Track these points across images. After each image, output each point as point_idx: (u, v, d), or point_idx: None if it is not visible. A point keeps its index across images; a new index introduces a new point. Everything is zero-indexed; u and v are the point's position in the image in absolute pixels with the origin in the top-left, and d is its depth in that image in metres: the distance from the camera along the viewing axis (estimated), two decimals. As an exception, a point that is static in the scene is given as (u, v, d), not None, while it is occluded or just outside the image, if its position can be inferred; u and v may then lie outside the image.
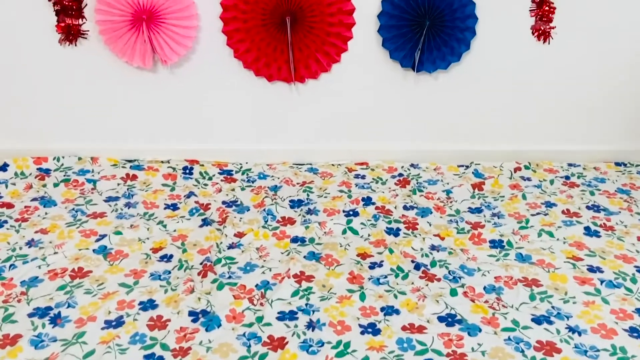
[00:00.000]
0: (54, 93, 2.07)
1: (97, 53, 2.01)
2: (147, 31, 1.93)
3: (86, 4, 1.94)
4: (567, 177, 2.19)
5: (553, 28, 2.09)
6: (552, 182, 2.16)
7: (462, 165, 2.24)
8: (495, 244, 1.80)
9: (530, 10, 2.05)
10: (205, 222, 1.83)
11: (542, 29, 2.09)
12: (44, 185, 1.99)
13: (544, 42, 2.11)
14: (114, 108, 2.11)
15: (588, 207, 2.00)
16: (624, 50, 2.14)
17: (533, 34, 2.09)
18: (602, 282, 1.63)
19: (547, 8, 2.06)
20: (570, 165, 2.27)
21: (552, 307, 1.53)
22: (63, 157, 2.10)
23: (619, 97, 2.23)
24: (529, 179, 2.18)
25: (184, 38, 1.98)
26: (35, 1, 1.91)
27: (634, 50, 2.14)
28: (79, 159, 2.12)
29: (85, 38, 1.99)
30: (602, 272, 1.67)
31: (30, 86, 2.05)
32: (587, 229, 1.87)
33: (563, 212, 1.98)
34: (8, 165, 2.05)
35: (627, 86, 2.21)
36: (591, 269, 1.68)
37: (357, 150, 2.24)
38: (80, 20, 1.96)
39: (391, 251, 1.73)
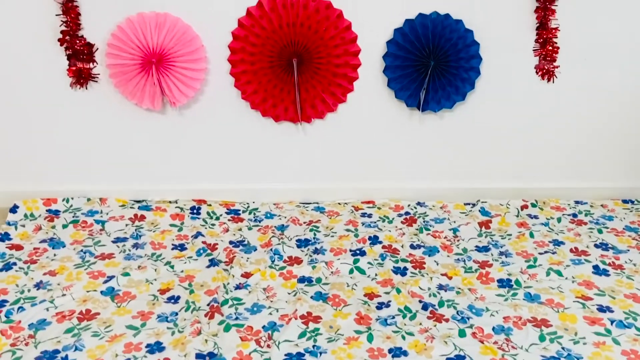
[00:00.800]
0: (64, 135, 2.10)
1: (107, 96, 2.04)
2: (157, 74, 1.97)
3: (97, 48, 1.99)
4: (574, 215, 2.19)
5: (557, 67, 2.11)
6: (559, 220, 2.16)
7: (469, 204, 2.24)
8: (504, 283, 1.79)
9: (533, 50, 2.09)
10: (213, 263, 1.83)
11: (546, 68, 2.12)
12: (53, 227, 2.00)
13: (548, 81, 2.13)
14: (123, 149, 2.13)
15: (596, 245, 2.00)
16: (628, 88, 2.16)
17: (537, 73, 2.12)
18: (612, 322, 1.61)
19: (550, 48, 2.09)
20: (577, 202, 2.26)
21: (563, 348, 1.51)
22: (72, 199, 2.12)
23: (624, 134, 2.24)
24: (536, 217, 2.18)
25: (192, 80, 2.02)
26: (47, 45, 1.96)
27: (639, 88, 2.18)
28: (88, 200, 2.14)
29: (96, 81, 2.02)
30: (612, 311, 1.65)
31: (41, 128, 2.09)
32: (596, 267, 1.87)
33: (571, 250, 1.97)
34: (18, 207, 2.07)
35: (632, 123, 2.22)
36: (601, 309, 1.67)
37: (364, 189, 2.25)
38: (91, 64, 2.00)
39: (398, 291, 1.72)
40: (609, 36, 2.08)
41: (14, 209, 2.06)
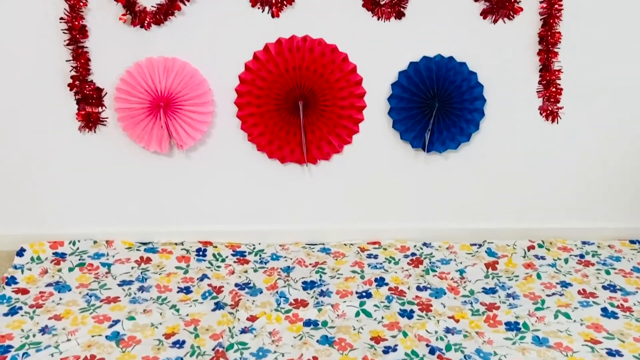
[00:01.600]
0: (71, 177, 2.12)
1: (115, 139, 2.07)
2: (164, 117, 2.00)
3: (106, 93, 2.01)
4: (581, 256, 2.17)
5: (561, 108, 2.13)
6: (566, 261, 2.14)
7: (475, 244, 2.23)
8: (511, 326, 1.77)
9: (537, 92, 2.10)
10: (218, 306, 1.82)
11: (550, 109, 2.13)
12: (59, 270, 2.00)
13: (552, 122, 2.14)
14: (130, 191, 2.15)
15: (604, 287, 1.98)
16: (633, 128, 2.17)
17: (541, 114, 2.13)
18: (622, 367, 1.60)
19: (554, 89, 2.11)
20: (584, 243, 2.25)
21: (573, 394, 1.51)
22: (79, 241, 2.13)
23: (630, 174, 2.24)
24: (543, 258, 2.16)
25: (199, 123, 2.04)
26: (57, 90, 1.98)
27: (644, 127, 2.21)
28: (95, 242, 2.14)
29: (105, 125, 2.05)
30: (621, 355, 1.63)
31: (49, 171, 2.10)
32: (604, 310, 1.85)
33: (579, 292, 1.95)
34: (25, 250, 2.07)
35: (638, 163, 2.23)
36: (610, 353, 1.65)
37: (370, 230, 2.25)
38: (100, 108, 2.02)
39: (405, 334, 1.70)
40: (612, 77, 2.10)
41: (20, 252, 2.06)
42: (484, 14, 2.01)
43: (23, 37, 1.94)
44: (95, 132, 2.05)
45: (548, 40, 2.04)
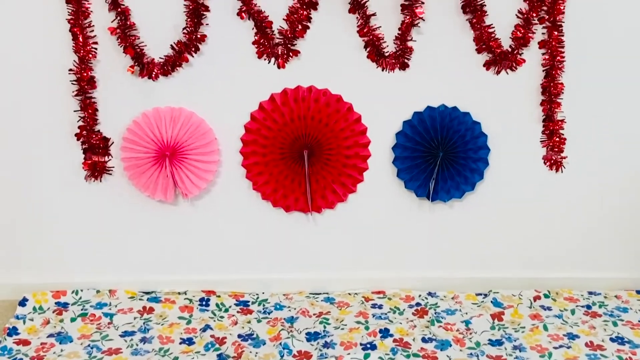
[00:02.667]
0: (76, 226, 2.12)
1: (120, 188, 2.07)
2: (170, 166, 2.01)
3: (113, 142, 2.03)
4: (588, 307, 2.14)
5: (564, 158, 2.14)
6: (573, 312, 2.11)
7: (481, 294, 2.21)
8: (519, 380, 1.76)
9: (541, 141, 2.12)
10: (221, 358, 1.80)
11: (554, 158, 2.14)
12: (61, 320, 1.98)
13: (556, 171, 2.15)
14: (135, 240, 2.15)
15: (612, 339, 1.95)
16: (638, 177, 2.17)
17: (545, 163, 2.14)
18: None
19: (557, 139, 2.12)
20: (590, 293, 2.23)
21: None
22: (82, 290, 2.11)
23: (636, 224, 2.23)
24: (549, 309, 2.14)
25: (205, 172, 2.05)
26: (64, 140, 2.00)
27: (648, 176, 2.21)
28: (97, 291, 2.12)
29: (110, 174, 2.06)
30: (631, 411, 1.63)
31: (53, 220, 2.11)
32: (613, 364, 1.84)
33: (586, 344, 1.92)
34: (27, 300, 2.06)
35: (644, 212, 2.26)
36: (620, 409, 1.64)
37: (374, 279, 2.23)
38: (106, 157, 2.03)
39: (411, 389, 1.69)
40: (615, 126, 2.11)
41: (23, 302, 2.05)
42: (487, 65, 2.04)
43: (32, 88, 1.96)
44: (100, 181, 2.06)
45: (551, 91, 2.06)
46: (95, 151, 2.02)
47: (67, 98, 1.97)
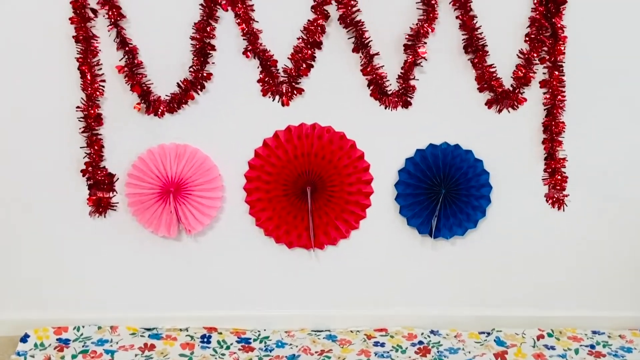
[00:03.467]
0: (78, 262, 2.12)
1: (124, 223, 2.08)
2: (174, 202, 2.02)
3: (117, 178, 2.05)
4: (592, 346, 2.12)
5: (566, 196, 2.14)
6: (577, 351, 2.10)
7: (484, 332, 2.19)
8: (523, 422, 1.74)
9: (543, 179, 2.13)
10: (222, 397, 1.80)
11: (556, 196, 2.15)
12: (62, 358, 1.97)
13: (558, 209, 2.16)
14: (137, 276, 2.15)
15: (616, 380, 1.96)
16: (640, 215, 2.21)
17: (547, 201, 2.15)
18: None
19: (559, 177, 2.13)
20: (594, 332, 2.21)
21: None
22: (83, 327, 2.11)
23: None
24: (552, 348, 2.12)
25: (208, 208, 2.06)
26: (69, 175, 2.02)
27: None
28: (99, 328, 2.12)
29: (115, 210, 2.07)
30: None
31: (55, 256, 2.11)
32: (617, 405, 1.82)
33: (591, 386, 1.93)
34: (28, 336, 2.05)
35: (647, 250, 2.26)
36: None
37: (377, 316, 2.22)
38: (110, 193, 2.05)
39: None
40: (617, 165, 2.12)
41: (24, 338, 2.04)
42: (489, 103, 2.06)
43: (39, 124, 1.99)
44: (105, 216, 2.08)
45: (552, 130, 2.08)
46: (100, 187, 2.03)
47: (74, 134, 2.00)
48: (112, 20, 1.90)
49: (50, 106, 1.99)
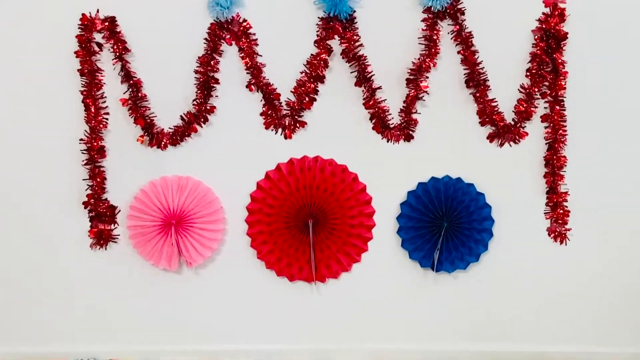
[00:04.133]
0: (78, 294, 2.11)
1: (124, 256, 2.08)
2: (175, 235, 2.02)
3: (119, 210, 2.05)
4: (596, 383, 2.13)
5: (569, 230, 2.14)
6: (580, 387, 2.10)
7: (486, 367, 2.21)
8: None
9: (545, 213, 2.12)
10: None
11: (558, 230, 2.14)
12: (60, 392, 1.98)
13: (560, 243, 2.15)
14: (137, 309, 2.13)
15: (622, 418, 1.93)
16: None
17: (549, 235, 2.14)
18: None
19: (561, 211, 2.13)
20: (597, 368, 2.22)
21: None
22: (82, 360, 2.12)
23: (643, 297, 2.25)
24: (556, 384, 2.12)
25: (210, 241, 2.05)
26: (71, 208, 2.02)
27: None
28: (97, 361, 2.13)
29: (116, 242, 2.07)
30: None
31: (54, 288, 2.10)
32: None
33: (596, 423, 1.91)
34: (27, 371, 2.05)
35: (650, 285, 2.25)
36: None
37: (377, 350, 2.20)
38: (112, 225, 2.05)
39: None
40: (620, 199, 2.11)
41: (22, 373, 2.04)
42: (491, 137, 2.07)
43: (41, 156, 2.00)
44: (105, 249, 2.07)
45: (554, 164, 2.08)
46: (102, 219, 2.03)
47: (76, 166, 2.00)
48: (117, 53, 1.93)
49: (53, 138, 1.99)
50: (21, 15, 1.95)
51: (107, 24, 1.91)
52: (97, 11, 1.93)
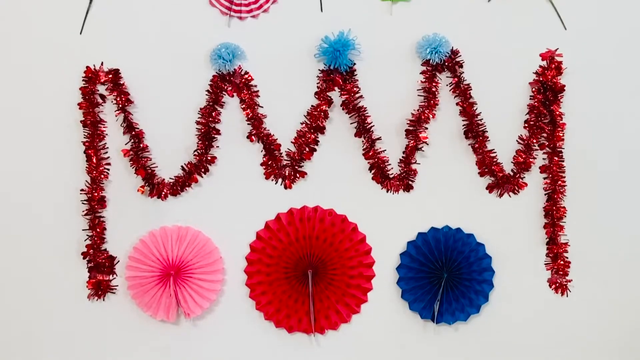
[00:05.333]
0: (74, 346, 2.08)
1: (122, 307, 2.05)
2: (174, 286, 2.00)
3: (118, 261, 2.04)
4: None
5: (570, 281, 2.13)
6: None
7: (487, 421, 2.16)
8: None
9: (545, 264, 2.11)
10: None
11: (559, 282, 2.13)
12: None
13: (562, 294, 2.13)
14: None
15: None
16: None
17: (550, 286, 2.13)
18: None
19: (562, 262, 2.11)
20: None
21: None
22: (76, 414, 2.07)
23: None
24: None
25: (208, 292, 2.03)
26: (69, 258, 2.01)
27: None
28: (93, 415, 2.08)
29: (114, 293, 2.06)
30: None
31: (52, 339, 2.07)
32: None
33: None
34: None
35: (652, 335, 2.22)
36: None
37: (378, 403, 2.20)
38: (110, 276, 2.04)
39: None
40: (621, 250, 2.11)
41: None
42: (490, 188, 2.07)
43: (42, 207, 2.00)
44: (103, 300, 2.05)
45: (553, 215, 2.08)
46: (100, 270, 2.02)
47: (76, 217, 2.00)
48: (120, 105, 1.95)
49: (54, 189, 2.00)
50: (26, 66, 1.97)
51: (111, 76, 1.95)
52: (102, 64, 1.97)
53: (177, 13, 1.98)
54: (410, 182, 2.06)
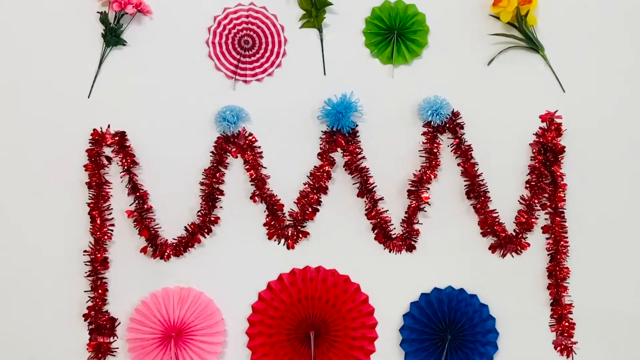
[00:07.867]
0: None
1: (122, 370, 2.07)
2: (175, 348, 1.98)
3: (119, 323, 2.02)
4: None
5: (575, 343, 2.10)
6: None
7: None
8: None
9: (550, 326, 2.09)
10: None
11: (564, 344, 2.10)
12: None
13: (567, 357, 2.09)
14: None
15: None
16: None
17: (555, 349, 2.09)
18: None
19: (566, 324, 2.09)
20: None
21: None
22: None
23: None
24: None
25: (209, 354, 2.00)
26: (70, 320, 1.99)
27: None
28: None
29: (114, 355, 2.03)
30: None
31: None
32: None
33: None
34: None
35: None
36: None
37: None
38: (111, 338, 2.02)
39: None
40: (625, 310, 2.08)
41: None
42: (493, 248, 2.07)
43: (44, 268, 2.00)
44: (104, 363, 2.07)
45: (557, 275, 2.07)
46: (101, 332, 2.00)
47: (79, 277, 2.00)
48: (125, 167, 1.97)
49: (57, 249, 2.00)
50: (34, 128, 2.00)
51: (117, 138, 1.97)
52: (109, 126, 2.00)
53: (183, 77, 2.03)
54: (412, 242, 2.06)
